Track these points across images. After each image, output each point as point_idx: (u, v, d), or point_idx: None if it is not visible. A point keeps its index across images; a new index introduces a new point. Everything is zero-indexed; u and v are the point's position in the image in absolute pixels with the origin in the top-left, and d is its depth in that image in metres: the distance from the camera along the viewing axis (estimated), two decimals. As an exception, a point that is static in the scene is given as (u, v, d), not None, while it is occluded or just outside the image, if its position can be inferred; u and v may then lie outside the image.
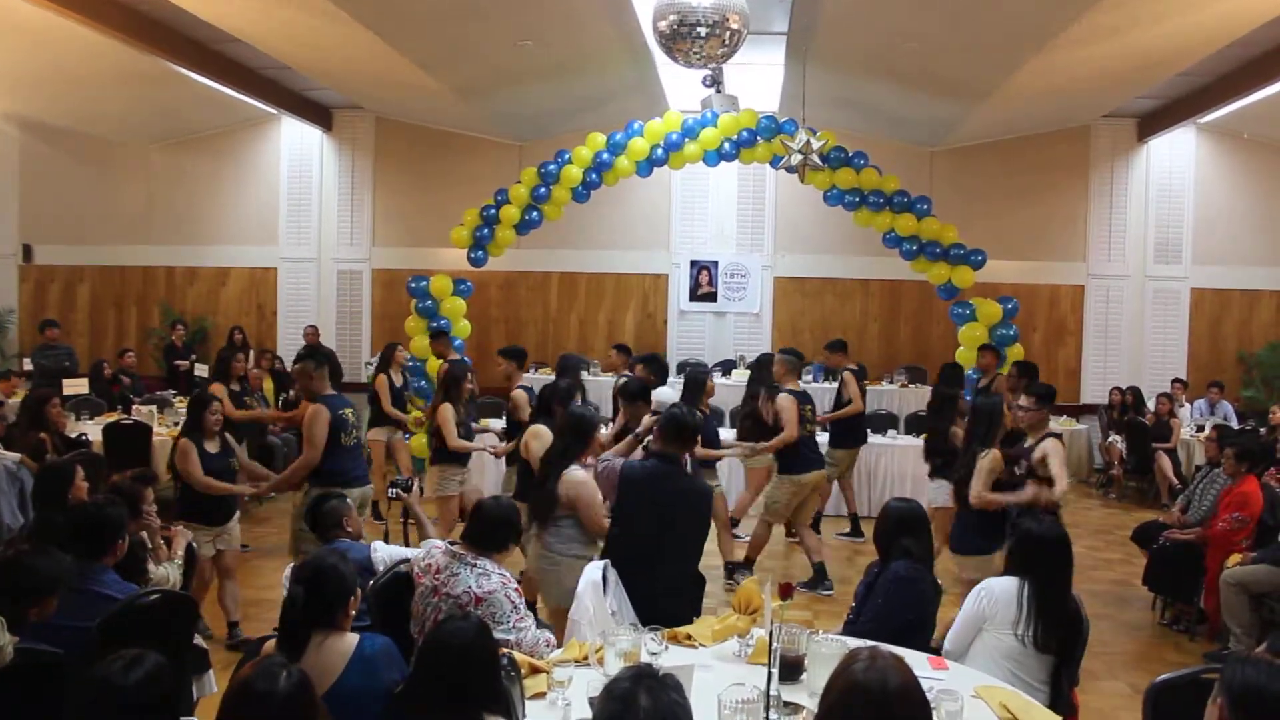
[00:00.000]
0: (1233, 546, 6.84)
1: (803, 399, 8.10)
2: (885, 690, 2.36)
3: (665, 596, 4.55)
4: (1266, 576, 6.41)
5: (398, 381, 10.12)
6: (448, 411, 7.66)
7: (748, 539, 9.40)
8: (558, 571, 5.16)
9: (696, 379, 8.01)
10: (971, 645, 4.16)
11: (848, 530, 9.83)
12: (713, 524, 5.98)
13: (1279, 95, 10.79)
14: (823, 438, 9.05)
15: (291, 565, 3.60)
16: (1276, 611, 6.37)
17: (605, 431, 6.98)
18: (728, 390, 12.23)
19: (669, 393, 7.64)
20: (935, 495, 8.11)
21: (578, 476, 5.16)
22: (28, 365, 12.70)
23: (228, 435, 6.78)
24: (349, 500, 5.17)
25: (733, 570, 8.15)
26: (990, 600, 4.10)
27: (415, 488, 5.78)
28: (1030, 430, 6.36)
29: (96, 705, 2.65)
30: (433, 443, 7.98)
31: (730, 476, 10.17)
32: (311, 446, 6.36)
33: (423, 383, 11.08)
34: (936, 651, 4.24)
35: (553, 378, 8.67)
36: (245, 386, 9.22)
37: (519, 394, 8.08)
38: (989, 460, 6.10)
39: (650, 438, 5.37)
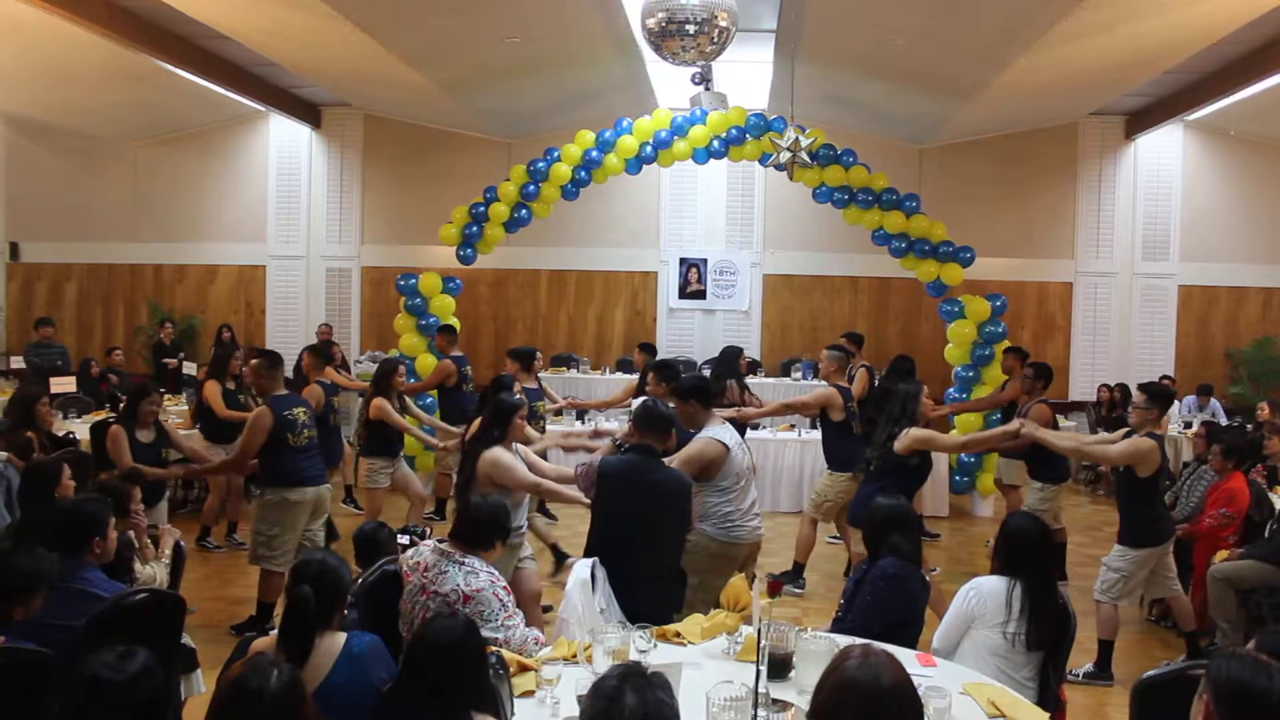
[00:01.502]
0: (1220, 543, 6.86)
1: (846, 395, 8.06)
2: (878, 687, 2.37)
3: (645, 590, 4.55)
4: (1253, 572, 6.43)
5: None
6: (384, 403, 7.81)
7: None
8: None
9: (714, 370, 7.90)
10: (959, 643, 4.17)
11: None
12: None
13: (1266, 92, 10.84)
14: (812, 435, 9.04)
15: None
16: (1263, 607, 6.39)
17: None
18: (718, 388, 12.22)
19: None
20: None
21: (489, 455, 5.30)
22: (15, 363, 12.64)
23: (165, 425, 7.00)
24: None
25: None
26: (979, 599, 4.10)
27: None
28: (1138, 432, 6.25)
29: (93, 700, 2.64)
30: (363, 434, 8.08)
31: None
32: (242, 450, 6.52)
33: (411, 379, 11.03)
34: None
35: (543, 375, 8.76)
36: (240, 385, 9.23)
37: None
38: (921, 433, 6.10)
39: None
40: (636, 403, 6.17)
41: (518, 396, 5.75)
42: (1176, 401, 12.62)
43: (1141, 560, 6.18)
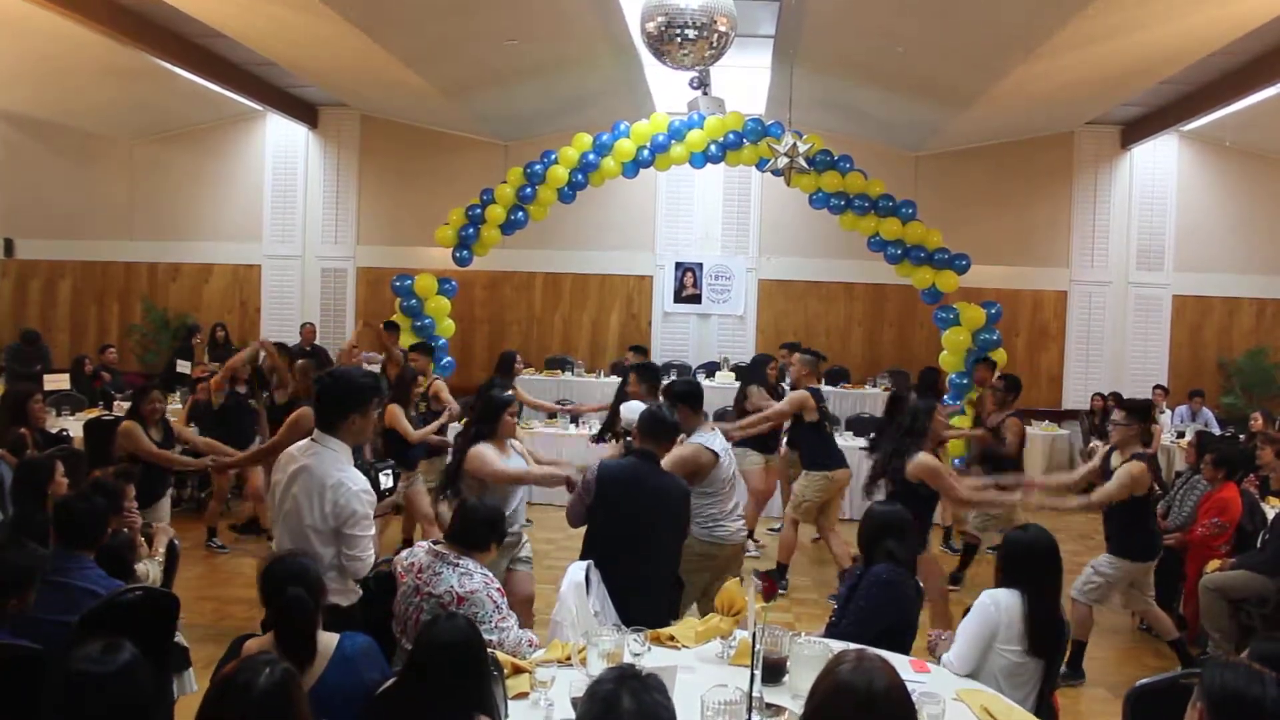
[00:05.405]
0: (1212, 552, 6.88)
1: (818, 397, 8.13)
2: (871, 691, 2.37)
3: (641, 596, 4.54)
4: (1245, 582, 6.45)
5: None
6: (398, 411, 7.64)
7: (753, 554, 9.37)
8: None
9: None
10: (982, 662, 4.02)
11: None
12: None
13: (1261, 103, 10.88)
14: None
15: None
16: (1254, 617, 6.41)
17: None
18: (712, 392, 12.22)
19: (638, 405, 7.49)
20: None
21: (472, 450, 5.28)
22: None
23: (170, 422, 6.92)
24: None
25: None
26: (997, 611, 3.99)
27: None
28: (1120, 448, 6.36)
29: (78, 694, 2.62)
30: (378, 444, 7.91)
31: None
32: (277, 443, 6.29)
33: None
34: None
35: (538, 377, 8.71)
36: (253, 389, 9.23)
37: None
38: (931, 463, 5.99)
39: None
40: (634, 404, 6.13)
41: (508, 393, 5.71)
42: (1169, 410, 12.65)
43: (1129, 572, 6.27)
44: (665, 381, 6.64)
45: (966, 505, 6.32)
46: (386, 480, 4.51)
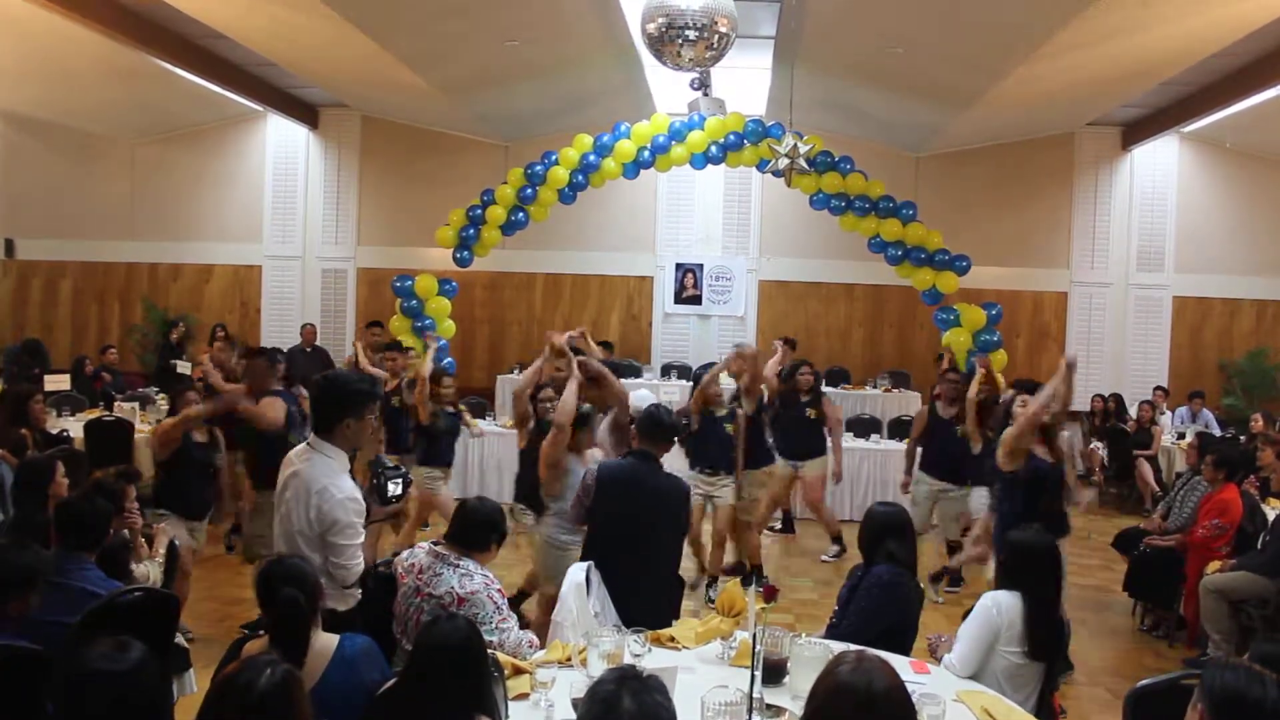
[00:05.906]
0: (1212, 553, 6.87)
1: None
2: (871, 691, 2.38)
3: (641, 596, 4.55)
4: (1245, 584, 6.44)
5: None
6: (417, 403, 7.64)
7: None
8: (555, 556, 5.45)
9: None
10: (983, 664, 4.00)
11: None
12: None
13: (1262, 105, 10.88)
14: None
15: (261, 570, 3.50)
16: (1255, 618, 6.41)
17: None
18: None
19: (647, 394, 7.53)
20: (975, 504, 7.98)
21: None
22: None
23: (217, 433, 6.78)
24: None
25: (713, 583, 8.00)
26: (999, 612, 3.97)
27: None
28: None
29: (91, 692, 2.62)
30: (423, 442, 7.90)
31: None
32: (252, 407, 6.36)
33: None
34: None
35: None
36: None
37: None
38: (1006, 435, 6.21)
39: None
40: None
41: (585, 406, 5.80)
42: (1169, 411, 12.65)
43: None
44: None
45: (1035, 418, 6.21)
46: (395, 488, 4.44)
